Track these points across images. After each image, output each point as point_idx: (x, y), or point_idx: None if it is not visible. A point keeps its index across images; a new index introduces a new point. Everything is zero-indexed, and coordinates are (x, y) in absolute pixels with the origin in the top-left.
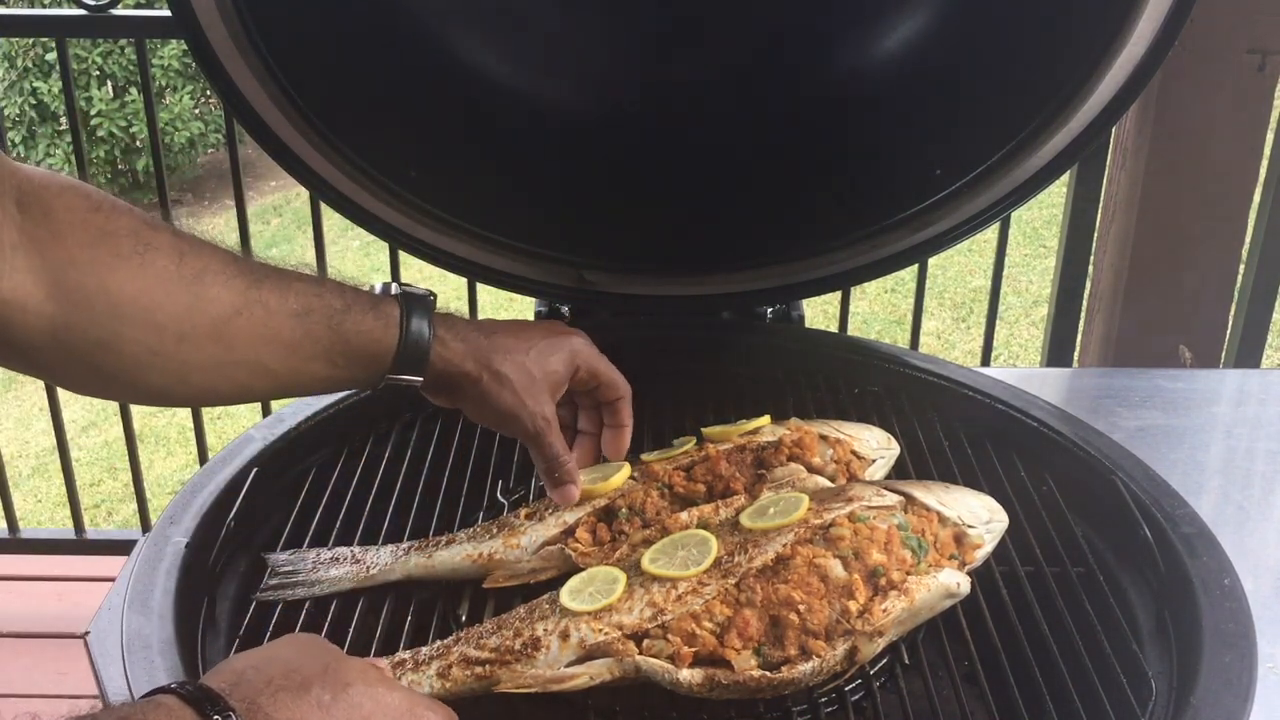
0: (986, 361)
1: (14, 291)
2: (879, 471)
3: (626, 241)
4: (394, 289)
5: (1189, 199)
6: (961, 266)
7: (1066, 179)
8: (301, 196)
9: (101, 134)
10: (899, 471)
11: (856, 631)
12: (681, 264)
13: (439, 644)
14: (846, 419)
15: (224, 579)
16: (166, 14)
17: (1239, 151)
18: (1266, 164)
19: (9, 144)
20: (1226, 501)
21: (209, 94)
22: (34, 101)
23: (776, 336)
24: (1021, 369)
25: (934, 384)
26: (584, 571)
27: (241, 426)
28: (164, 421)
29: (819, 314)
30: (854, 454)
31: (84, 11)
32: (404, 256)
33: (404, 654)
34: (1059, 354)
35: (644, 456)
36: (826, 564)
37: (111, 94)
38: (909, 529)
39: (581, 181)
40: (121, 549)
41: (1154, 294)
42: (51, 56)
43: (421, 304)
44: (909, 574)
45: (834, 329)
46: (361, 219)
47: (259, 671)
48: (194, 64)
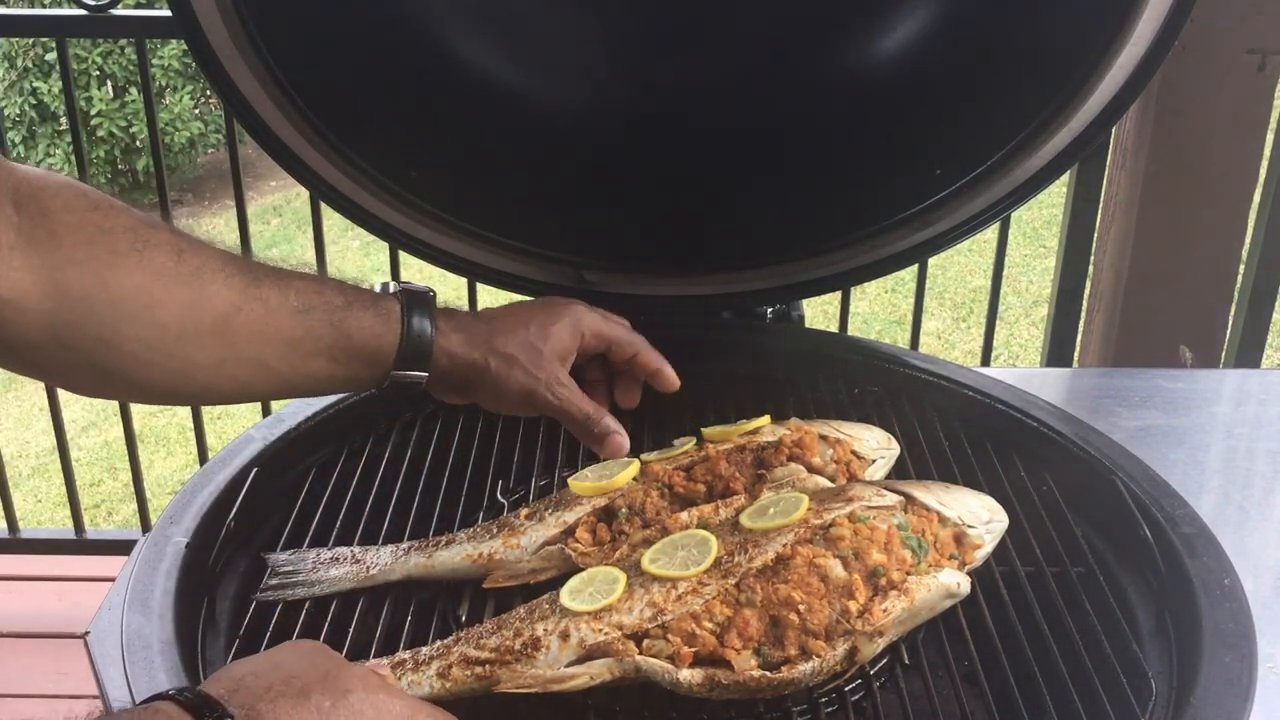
0: (986, 361)
1: (13, 291)
2: (879, 471)
3: (626, 241)
4: (393, 288)
5: (1189, 199)
6: (961, 266)
7: (1066, 179)
8: (301, 196)
9: (101, 134)
10: (899, 471)
11: (856, 631)
12: (681, 264)
13: (439, 644)
14: (846, 419)
15: (224, 579)
16: (166, 14)
17: (1239, 151)
18: (1266, 164)
19: (9, 144)
20: (1226, 501)
21: (209, 94)
22: (34, 101)
23: (776, 336)
24: (1021, 369)
25: (934, 384)
26: (584, 571)
27: (241, 426)
28: (164, 421)
29: (819, 314)
30: (854, 454)
31: (84, 11)
32: (404, 256)
33: (404, 654)
34: (1059, 354)
35: (644, 456)
36: (826, 564)
37: (111, 94)
38: (909, 529)
39: (581, 181)
40: (121, 549)
41: (1154, 294)
42: (51, 56)
43: (422, 300)
44: (909, 574)
45: (834, 329)
46: (361, 219)
47: (258, 678)
48: (194, 64)
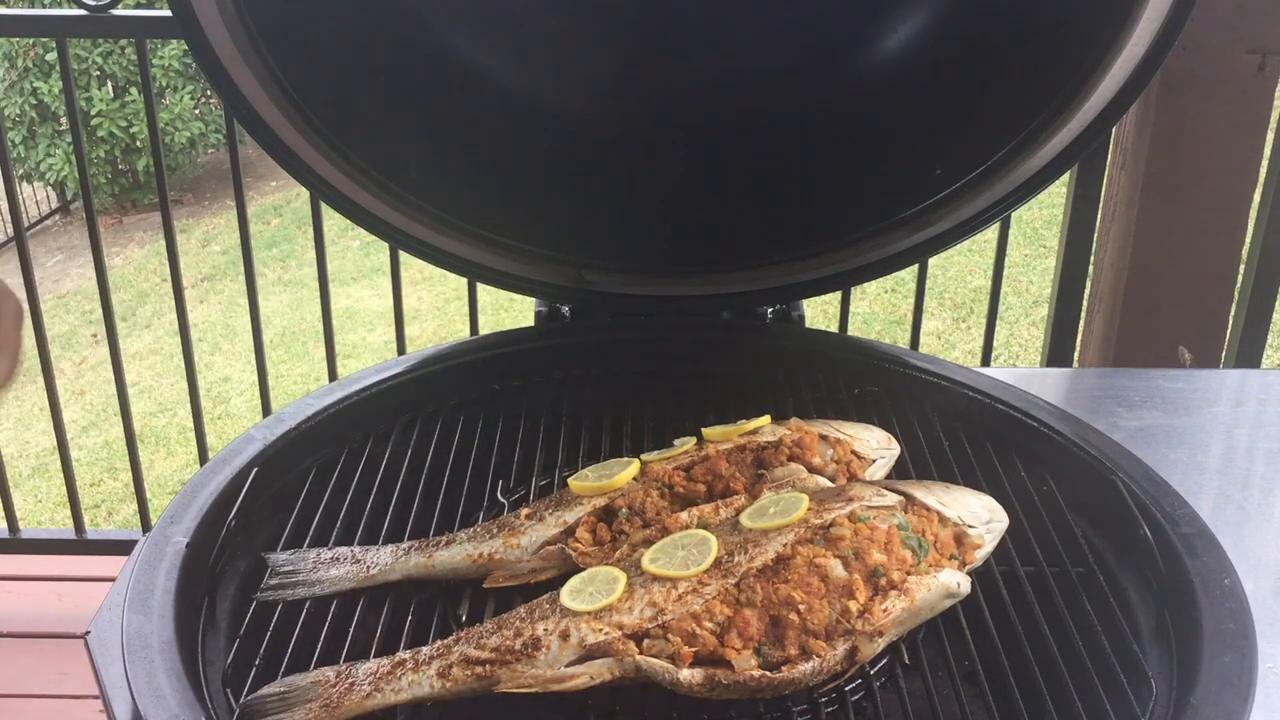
0: (986, 361)
1: None
2: (879, 471)
3: (626, 241)
4: None
5: (1189, 199)
6: (961, 266)
7: (1066, 179)
8: (301, 196)
9: (101, 134)
10: (899, 471)
11: (857, 631)
12: (681, 264)
13: (439, 644)
14: (846, 419)
15: (224, 579)
16: (166, 14)
17: (1239, 151)
18: (1266, 164)
19: (9, 144)
20: (1226, 501)
21: (209, 94)
22: (34, 101)
23: (776, 336)
24: (1021, 369)
25: (934, 384)
26: (584, 571)
27: (241, 426)
28: (164, 422)
29: (819, 314)
30: (854, 454)
31: (84, 11)
32: (404, 256)
33: (404, 654)
34: (1059, 354)
35: (644, 456)
36: (827, 564)
37: (111, 94)
38: (909, 529)
39: (581, 181)
40: (121, 549)
41: (1154, 294)
42: (51, 56)
43: None
44: (909, 574)
45: (834, 329)
46: (361, 219)
47: None
48: (194, 64)
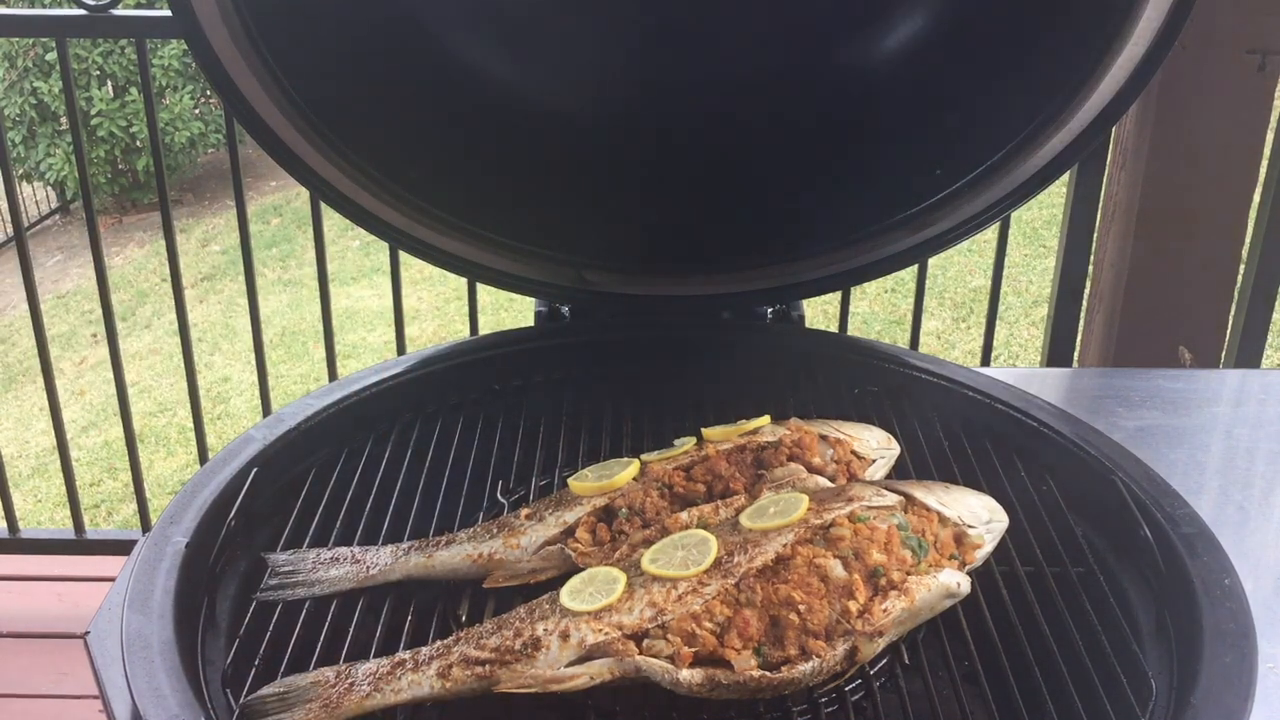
0: (986, 361)
1: None
2: (879, 471)
3: (626, 241)
4: None
5: (1189, 198)
6: (961, 266)
7: (1066, 179)
8: (301, 196)
9: (101, 134)
10: (899, 471)
11: (856, 631)
12: (681, 264)
13: (439, 644)
14: (846, 419)
15: (224, 579)
16: (166, 14)
17: (1239, 151)
18: (1266, 164)
19: (9, 144)
20: (1226, 501)
21: (209, 94)
22: (34, 101)
23: (776, 336)
24: (1021, 369)
25: (934, 384)
26: (584, 571)
27: (241, 426)
28: (164, 422)
29: (819, 314)
30: (854, 454)
31: (84, 11)
32: (404, 256)
33: (404, 654)
34: (1059, 354)
35: (644, 456)
36: (826, 564)
37: (111, 94)
38: (909, 529)
39: (581, 181)
40: (121, 549)
41: (1154, 294)
42: (51, 56)
43: None
44: (909, 574)
45: (834, 329)
46: (361, 219)
47: None
48: (194, 64)
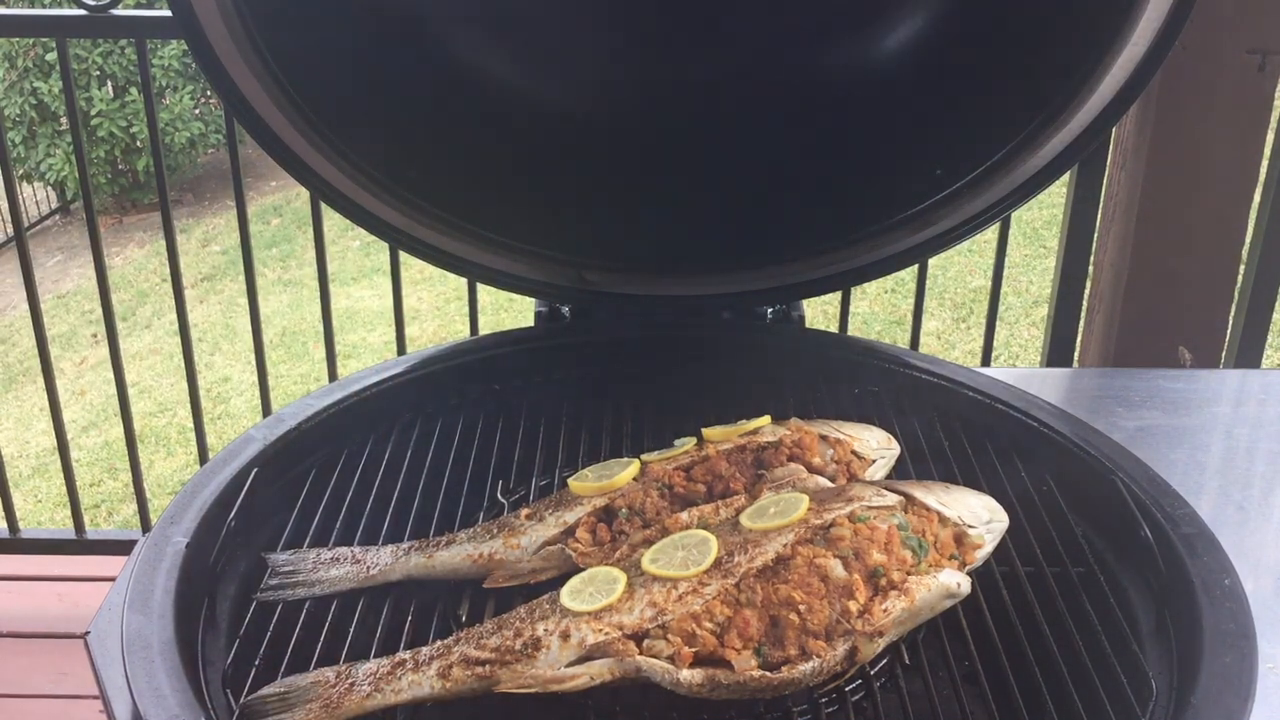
0: (986, 361)
1: None
2: (879, 472)
3: (626, 241)
4: None
5: (1189, 199)
6: (961, 266)
7: (1066, 179)
8: (301, 196)
9: (101, 134)
10: (899, 471)
11: (857, 632)
12: (681, 264)
13: (439, 644)
14: (846, 419)
15: (224, 579)
16: (166, 14)
17: (1239, 151)
18: (1266, 164)
19: (9, 144)
20: (1226, 501)
21: (209, 94)
22: (34, 101)
23: (776, 336)
24: (1021, 369)
25: (934, 384)
26: (584, 572)
27: (241, 427)
28: (164, 422)
29: (819, 314)
30: (854, 454)
31: (84, 11)
32: (404, 256)
33: (404, 654)
34: (1059, 354)
35: (644, 456)
36: (826, 564)
37: (111, 94)
38: (909, 529)
39: (582, 181)
40: (121, 549)
41: (1154, 294)
42: (51, 56)
43: None
44: (909, 574)
45: (834, 329)
46: (361, 219)
47: None
48: (194, 64)
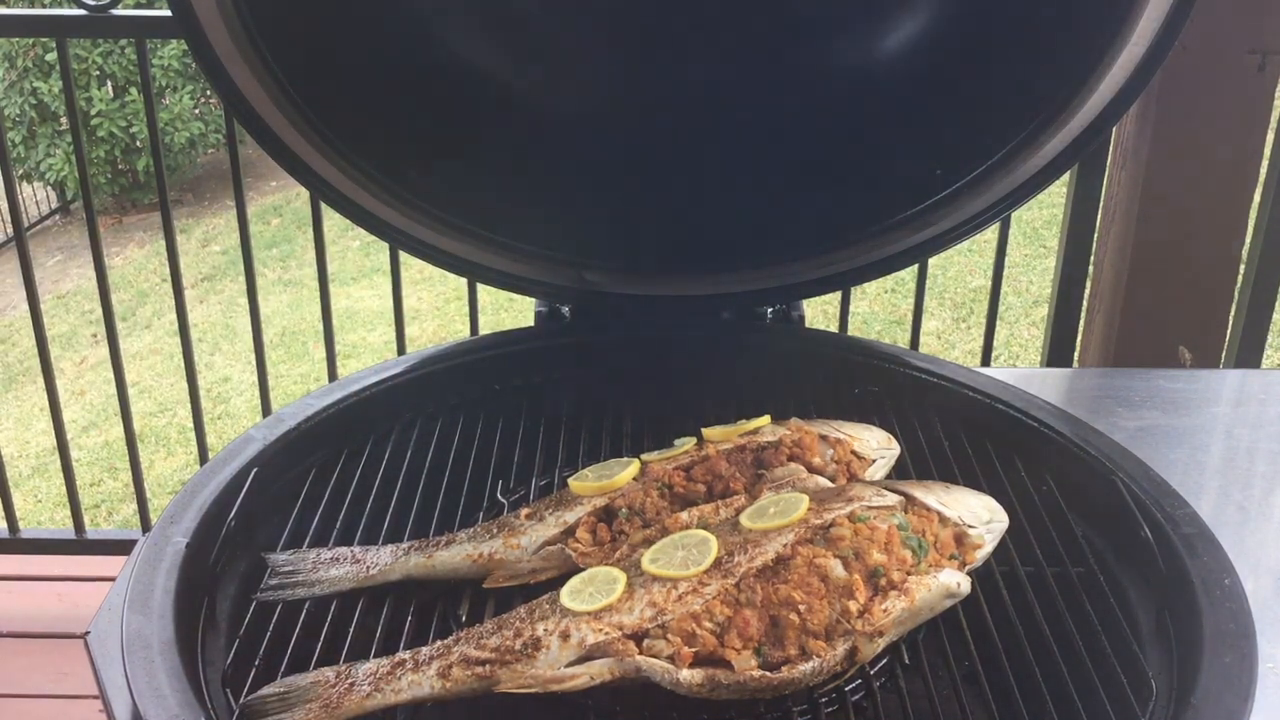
0: (986, 361)
1: None
2: (879, 471)
3: (626, 241)
4: None
5: (1189, 199)
6: (961, 266)
7: (1066, 179)
8: (301, 196)
9: (101, 134)
10: (899, 471)
11: (856, 632)
12: (682, 263)
13: (439, 644)
14: (846, 419)
15: (224, 579)
16: (166, 14)
17: (1239, 151)
18: (1266, 164)
19: (9, 144)
20: (1226, 501)
21: (209, 94)
22: (34, 101)
23: (776, 336)
24: (1021, 369)
25: (934, 384)
26: (584, 571)
27: (241, 426)
28: (164, 422)
29: (819, 314)
30: (854, 454)
31: (84, 11)
32: (404, 256)
33: (404, 654)
34: (1059, 354)
35: (644, 456)
36: (826, 564)
37: (111, 94)
38: (909, 529)
39: (582, 181)
40: (121, 549)
41: (1154, 294)
42: (51, 56)
43: None
44: (909, 574)
45: (834, 329)
46: (361, 219)
47: None
48: (194, 64)
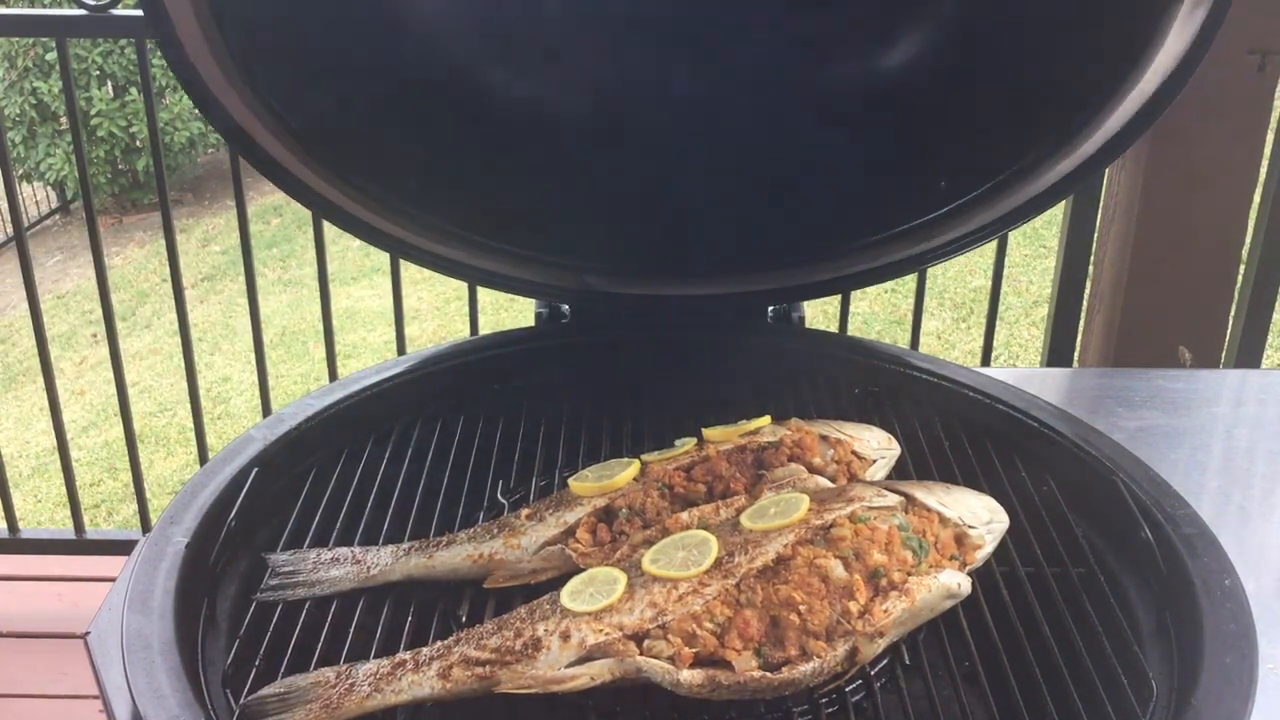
0: (986, 361)
1: None
2: (880, 472)
3: (628, 246)
4: None
5: (1189, 199)
6: (961, 266)
7: None
8: None
9: (101, 134)
10: (900, 472)
11: (857, 632)
12: (683, 268)
13: (440, 644)
14: (846, 419)
15: (224, 579)
16: None
17: (1239, 151)
18: (1266, 164)
19: (9, 144)
20: (1227, 502)
21: None
22: (34, 101)
23: (777, 336)
24: (1021, 369)
25: (934, 384)
26: (584, 572)
27: (241, 426)
28: (164, 422)
29: (819, 314)
30: (855, 454)
31: (84, 11)
32: None
33: (405, 654)
34: (1059, 354)
35: (644, 457)
36: (827, 564)
37: (111, 94)
38: (910, 529)
39: (583, 185)
40: (121, 549)
41: (1154, 294)
42: (51, 56)
43: None
44: (910, 574)
45: (834, 329)
46: (364, 233)
47: None
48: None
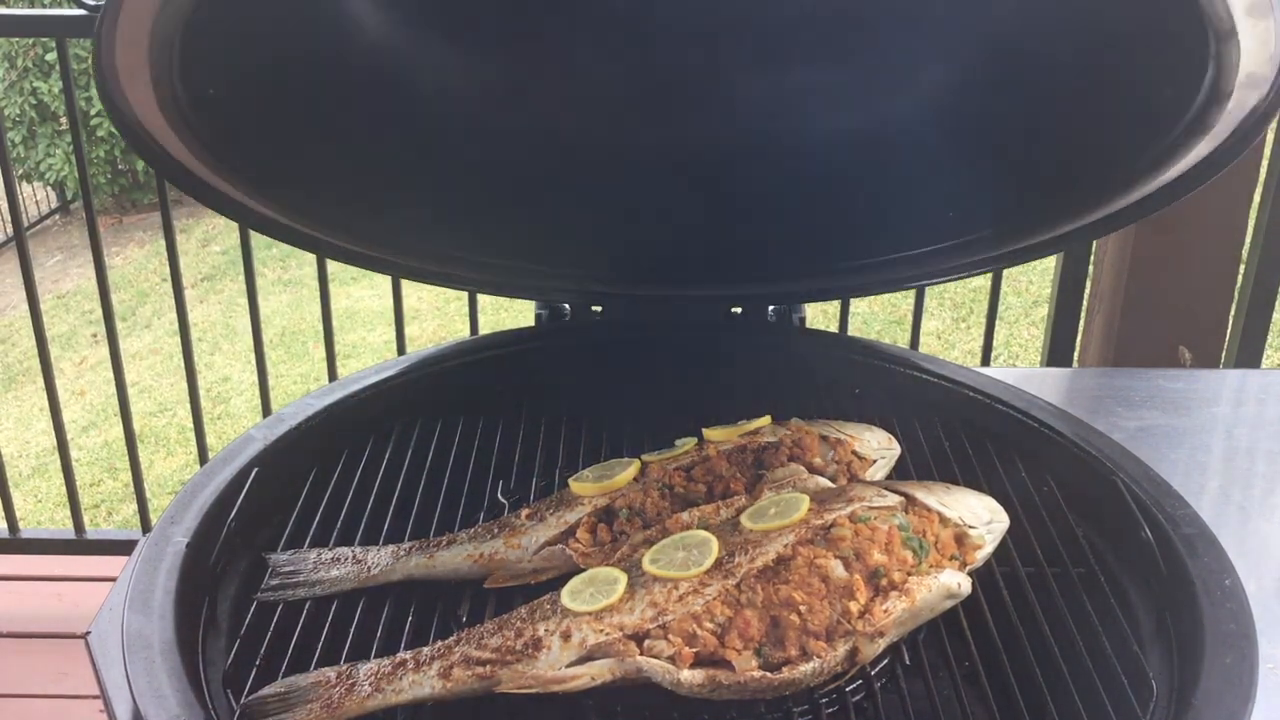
0: (986, 361)
1: None
2: (880, 472)
3: (629, 257)
4: None
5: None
6: None
7: None
8: None
9: (101, 134)
10: (900, 472)
11: (857, 632)
12: (684, 277)
13: (440, 644)
14: (847, 419)
15: (225, 579)
16: None
17: None
18: (1266, 164)
19: (9, 144)
20: (1227, 502)
21: None
22: (34, 101)
23: (777, 336)
24: (1021, 369)
25: (934, 384)
26: (585, 572)
27: (241, 426)
28: (164, 422)
29: (819, 314)
30: (855, 454)
31: (84, 11)
32: None
33: (405, 654)
34: (1059, 354)
35: (644, 457)
36: (827, 564)
37: None
38: (910, 529)
39: (583, 197)
40: (121, 549)
41: (1154, 294)
42: (51, 56)
43: None
44: (910, 574)
45: (834, 329)
46: (364, 264)
47: None
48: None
